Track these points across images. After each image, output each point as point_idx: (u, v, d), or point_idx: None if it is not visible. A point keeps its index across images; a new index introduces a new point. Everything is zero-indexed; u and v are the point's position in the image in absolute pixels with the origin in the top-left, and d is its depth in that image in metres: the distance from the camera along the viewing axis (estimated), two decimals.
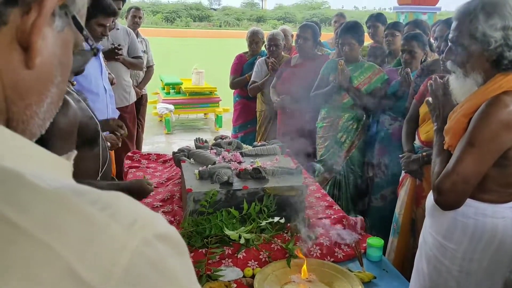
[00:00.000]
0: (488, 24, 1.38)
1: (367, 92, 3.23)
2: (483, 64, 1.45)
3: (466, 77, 1.49)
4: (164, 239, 0.39)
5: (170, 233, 0.41)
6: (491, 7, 1.38)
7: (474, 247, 1.50)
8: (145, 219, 0.39)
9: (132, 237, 0.36)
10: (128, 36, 4.11)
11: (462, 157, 1.42)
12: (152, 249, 0.37)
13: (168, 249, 0.39)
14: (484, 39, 1.40)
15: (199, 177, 2.23)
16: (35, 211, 0.34)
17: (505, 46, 1.39)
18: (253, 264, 1.90)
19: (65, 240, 0.34)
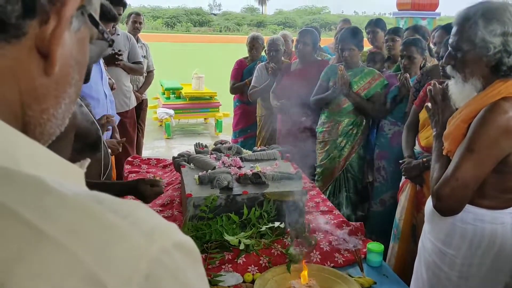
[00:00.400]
0: (488, 30, 1.38)
1: (367, 97, 3.24)
2: (482, 70, 1.45)
3: (465, 82, 1.49)
4: (181, 247, 0.40)
5: (186, 242, 0.42)
6: (491, 13, 1.39)
7: (473, 253, 1.50)
8: (162, 228, 0.40)
9: (152, 245, 0.37)
10: (128, 42, 4.12)
11: (461, 162, 1.42)
12: (171, 258, 0.38)
13: (185, 257, 0.40)
14: (483, 45, 1.40)
15: (199, 182, 2.23)
16: (60, 218, 0.35)
17: (504, 52, 1.39)
18: (253, 269, 1.90)
19: (89, 246, 0.35)
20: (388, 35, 3.78)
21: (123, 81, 3.99)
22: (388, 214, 2.95)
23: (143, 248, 0.37)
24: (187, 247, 0.41)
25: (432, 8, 6.07)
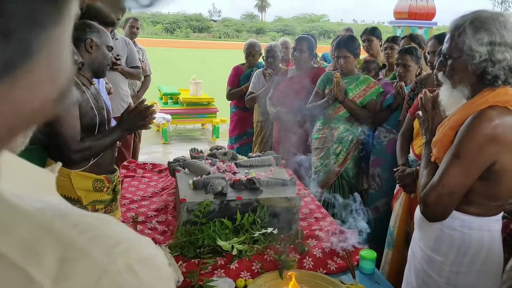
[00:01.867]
0: (475, 38, 1.40)
1: (362, 105, 3.25)
2: (469, 78, 1.47)
3: (453, 89, 1.51)
4: (147, 263, 0.38)
5: (155, 257, 0.40)
6: (480, 22, 1.41)
7: (461, 260, 1.51)
8: (128, 242, 0.38)
9: (112, 261, 0.36)
10: (126, 46, 4.14)
11: (447, 169, 1.44)
12: (134, 275, 0.37)
13: (151, 273, 0.38)
14: (470, 53, 1.42)
15: (193, 187, 2.24)
16: (15, 234, 0.33)
17: (489, 61, 1.41)
18: (245, 275, 1.90)
19: (43, 266, 0.33)
20: (387, 43, 3.81)
21: (120, 86, 4.00)
22: (382, 221, 2.96)
23: (104, 265, 0.35)
24: (154, 263, 0.39)
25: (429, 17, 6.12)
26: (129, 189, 2.84)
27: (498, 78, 1.42)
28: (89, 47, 2.06)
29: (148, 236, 2.18)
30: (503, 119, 1.38)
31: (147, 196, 2.75)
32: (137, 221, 2.07)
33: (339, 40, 3.35)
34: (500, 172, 1.41)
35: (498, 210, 1.51)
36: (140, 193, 2.79)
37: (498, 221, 1.53)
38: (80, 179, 2.06)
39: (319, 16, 66.95)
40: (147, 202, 2.65)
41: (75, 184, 2.04)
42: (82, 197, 2.06)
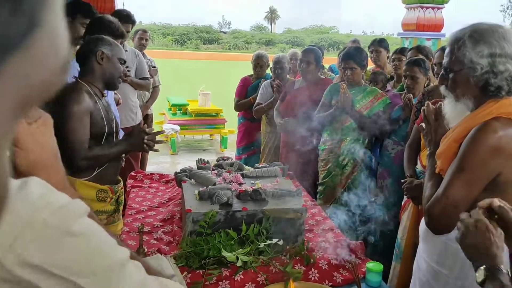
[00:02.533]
0: (475, 51, 1.41)
1: (369, 116, 3.24)
2: (472, 90, 1.47)
3: (457, 102, 1.51)
4: (68, 209, 0.46)
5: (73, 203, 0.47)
6: (479, 35, 1.41)
7: (466, 273, 1.48)
8: (51, 195, 0.44)
9: (35, 213, 0.41)
10: (136, 58, 4.18)
11: (452, 181, 1.42)
12: (57, 218, 0.43)
13: (71, 216, 0.45)
14: (471, 66, 1.42)
15: (199, 197, 2.24)
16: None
17: (491, 73, 1.41)
18: (250, 286, 1.88)
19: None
20: (394, 55, 3.81)
21: (130, 97, 4.04)
22: (390, 234, 2.92)
23: (29, 215, 0.41)
24: (74, 207, 0.49)
25: (437, 29, 6.11)
26: (136, 199, 2.85)
27: (502, 89, 1.42)
28: (99, 59, 2.12)
29: (153, 246, 2.19)
30: (507, 130, 1.37)
31: (154, 206, 2.75)
32: (143, 231, 2.07)
33: (346, 51, 3.35)
34: (505, 183, 1.39)
35: None
36: (147, 203, 2.80)
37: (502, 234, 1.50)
38: (85, 188, 2.09)
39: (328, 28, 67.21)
40: (154, 212, 2.66)
41: (79, 193, 2.05)
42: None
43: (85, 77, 2.14)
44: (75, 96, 2.01)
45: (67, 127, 1.98)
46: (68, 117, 1.98)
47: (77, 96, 2.01)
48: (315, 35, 57.96)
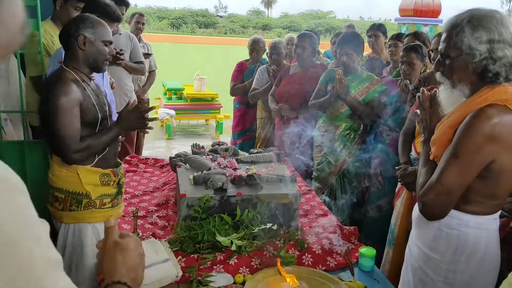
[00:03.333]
0: (474, 37, 1.39)
1: (365, 102, 3.24)
2: (469, 76, 1.46)
3: (453, 88, 1.50)
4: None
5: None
6: (477, 20, 1.40)
7: (458, 259, 1.50)
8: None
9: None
10: (130, 41, 4.14)
11: (446, 168, 1.43)
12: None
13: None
14: (469, 52, 1.41)
15: (193, 182, 2.24)
16: None
17: (490, 59, 1.40)
18: (244, 270, 1.90)
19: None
20: (391, 41, 3.78)
21: (124, 81, 4.00)
22: (384, 220, 2.95)
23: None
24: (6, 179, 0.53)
25: (434, 15, 6.07)
26: (130, 184, 2.85)
27: (500, 75, 1.42)
28: (81, 44, 2.04)
29: (148, 230, 2.20)
30: (502, 117, 1.37)
31: (149, 191, 2.76)
32: (138, 215, 2.07)
33: (343, 37, 3.33)
34: (499, 170, 1.40)
35: (496, 209, 1.51)
36: (142, 187, 2.80)
37: (495, 220, 1.52)
38: (88, 174, 2.08)
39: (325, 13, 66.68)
40: (149, 197, 2.66)
41: (83, 179, 2.06)
42: (90, 191, 2.09)
43: (69, 62, 2.07)
44: (62, 88, 1.94)
45: (56, 120, 1.94)
46: (57, 110, 1.93)
47: (64, 88, 1.95)
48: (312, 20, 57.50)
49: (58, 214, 2.11)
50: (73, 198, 2.08)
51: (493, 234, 1.51)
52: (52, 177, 2.10)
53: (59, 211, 2.10)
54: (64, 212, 2.09)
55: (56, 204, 2.10)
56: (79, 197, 2.08)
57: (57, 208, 2.10)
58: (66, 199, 2.08)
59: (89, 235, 2.12)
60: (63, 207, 2.09)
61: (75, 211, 2.09)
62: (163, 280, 1.79)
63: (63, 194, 2.08)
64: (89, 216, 2.11)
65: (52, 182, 2.11)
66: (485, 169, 1.40)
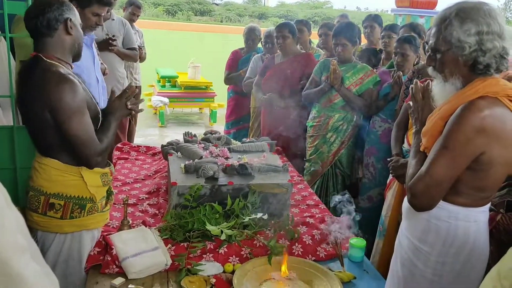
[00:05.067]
0: (462, 30, 1.40)
1: (359, 93, 3.23)
2: (460, 69, 1.46)
3: (445, 82, 1.50)
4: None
5: None
6: (465, 13, 1.40)
7: (447, 251, 1.51)
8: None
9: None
10: (123, 27, 4.08)
11: (435, 159, 1.43)
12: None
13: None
14: (459, 45, 1.41)
15: (184, 171, 2.23)
16: None
17: (480, 51, 1.40)
18: (234, 260, 1.90)
19: None
20: (384, 32, 3.75)
21: (116, 67, 3.96)
22: (375, 211, 2.96)
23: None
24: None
25: (431, 6, 6.04)
26: (122, 171, 2.83)
27: (490, 66, 1.42)
28: (69, 28, 1.81)
29: (138, 218, 2.19)
30: (493, 110, 1.37)
31: (140, 178, 2.74)
32: (128, 203, 2.06)
33: (337, 27, 3.30)
34: (488, 163, 1.40)
35: (485, 202, 1.51)
36: (133, 175, 2.79)
37: (484, 212, 1.52)
38: (90, 175, 1.87)
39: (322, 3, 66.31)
40: (140, 185, 2.65)
41: (88, 181, 1.86)
42: (95, 194, 1.89)
43: (51, 53, 1.80)
44: (69, 88, 1.72)
45: (73, 128, 1.74)
46: (71, 115, 1.72)
47: (71, 87, 1.73)
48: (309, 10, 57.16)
49: (54, 223, 1.84)
50: (75, 204, 1.84)
51: (482, 227, 1.51)
52: (46, 182, 1.83)
53: (55, 220, 1.83)
54: (64, 220, 1.83)
55: (52, 213, 1.82)
56: (83, 201, 1.85)
57: (53, 217, 1.83)
58: (67, 205, 1.82)
59: (87, 242, 1.91)
60: (62, 214, 1.83)
61: (76, 218, 1.85)
62: (152, 268, 1.79)
63: (62, 200, 1.82)
64: (91, 221, 1.90)
65: (44, 189, 1.82)
66: (475, 161, 1.40)
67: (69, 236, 1.86)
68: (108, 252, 1.83)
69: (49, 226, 1.85)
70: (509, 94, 1.40)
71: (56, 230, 1.85)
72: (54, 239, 1.86)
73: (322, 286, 1.74)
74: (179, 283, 1.71)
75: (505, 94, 1.40)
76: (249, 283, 1.72)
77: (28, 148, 2.61)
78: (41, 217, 1.83)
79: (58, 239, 1.86)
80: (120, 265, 1.78)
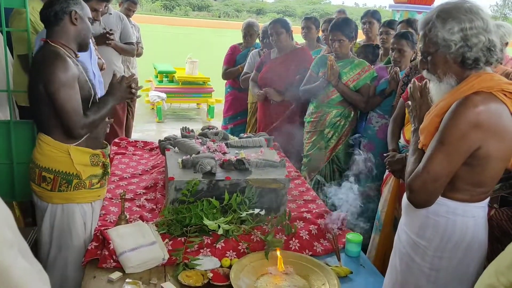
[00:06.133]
0: (446, 29, 1.43)
1: (356, 89, 3.23)
2: (451, 67, 1.49)
3: (440, 82, 1.54)
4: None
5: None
6: (446, 13, 1.44)
7: (444, 246, 1.52)
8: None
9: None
10: (121, 22, 4.07)
11: (432, 156, 1.44)
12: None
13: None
14: (445, 44, 1.45)
15: (182, 166, 2.23)
16: None
17: (466, 47, 1.43)
18: (231, 254, 1.91)
19: None
20: (382, 28, 3.75)
21: (114, 62, 3.94)
22: (371, 206, 2.97)
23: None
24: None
25: (429, 2, 6.04)
26: (119, 166, 2.83)
27: (479, 60, 1.44)
28: (74, 19, 2.05)
29: (136, 213, 2.19)
30: (488, 105, 1.39)
31: (137, 173, 2.74)
32: (125, 198, 2.06)
33: (334, 23, 3.29)
34: (485, 157, 1.41)
35: (484, 197, 1.52)
36: (130, 170, 2.79)
37: (483, 208, 1.54)
38: (79, 154, 2.07)
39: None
40: (137, 180, 2.65)
41: (75, 159, 2.05)
42: (81, 171, 2.07)
43: (57, 39, 2.05)
44: (62, 64, 1.95)
45: (60, 98, 1.94)
46: (60, 87, 1.93)
47: (64, 64, 1.95)
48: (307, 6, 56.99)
49: (46, 194, 2.09)
50: (63, 179, 2.06)
51: (480, 222, 1.53)
52: (40, 156, 2.07)
53: (47, 192, 2.08)
54: (53, 192, 2.07)
55: (44, 185, 2.07)
56: (69, 177, 2.07)
57: (45, 188, 2.08)
58: (56, 179, 2.06)
59: (77, 216, 2.12)
60: (51, 187, 2.07)
61: (64, 192, 2.07)
62: (150, 263, 1.80)
63: (52, 174, 2.06)
64: (78, 196, 2.11)
65: (39, 162, 2.07)
66: (471, 156, 1.41)
67: (60, 207, 2.10)
68: (106, 247, 1.83)
69: (43, 196, 2.11)
70: (503, 89, 1.41)
71: (48, 200, 2.10)
72: (47, 209, 2.11)
73: (318, 281, 1.75)
74: (176, 278, 1.72)
75: (499, 89, 1.41)
76: (246, 277, 1.73)
77: (25, 143, 2.61)
78: (37, 187, 2.10)
79: (50, 209, 2.10)
80: (117, 259, 1.78)
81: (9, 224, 0.70)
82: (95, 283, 1.68)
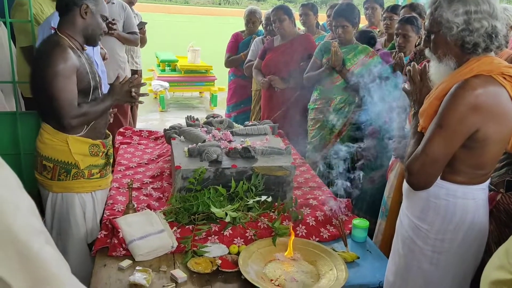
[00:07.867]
0: (451, 10, 1.43)
1: (360, 75, 3.21)
2: (452, 49, 1.49)
3: (440, 62, 1.53)
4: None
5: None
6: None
7: (446, 228, 1.53)
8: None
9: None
10: (123, 11, 4.04)
11: (431, 138, 1.45)
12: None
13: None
14: (448, 25, 1.44)
15: (188, 154, 2.24)
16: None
17: (467, 30, 1.43)
18: (239, 241, 1.93)
19: None
20: (386, 13, 3.72)
21: (117, 51, 3.93)
22: (377, 192, 2.98)
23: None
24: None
25: None
26: (125, 156, 2.85)
27: (478, 45, 1.44)
28: (83, 13, 2.06)
29: (143, 202, 2.21)
30: (487, 88, 1.39)
31: (143, 163, 2.76)
32: (132, 187, 2.08)
33: (337, 9, 3.26)
34: (484, 140, 1.42)
35: (484, 179, 1.53)
36: (136, 159, 2.80)
37: (483, 190, 1.55)
38: (77, 144, 2.09)
39: None
40: (143, 169, 2.66)
41: (73, 149, 2.07)
42: (79, 161, 2.09)
43: (65, 29, 2.07)
44: (61, 54, 1.96)
45: (54, 86, 1.95)
46: (55, 75, 1.94)
47: (63, 54, 1.96)
48: None
49: (47, 183, 2.12)
50: (61, 168, 2.09)
51: (480, 204, 1.54)
52: (41, 145, 2.10)
53: (47, 180, 2.11)
54: (53, 181, 2.10)
55: (45, 173, 2.11)
56: (68, 166, 2.09)
57: (46, 177, 2.11)
58: (55, 168, 2.09)
59: (76, 205, 2.14)
60: (51, 176, 2.10)
61: (63, 181, 2.10)
62: (159, 250, 1.82)
63: (51, 163, 2.08)
64: (77, 186, 2.13)
65: (40, 150, 2.11)
66: (470, 138, 1.42)
67: (59, 196, 2.13)
68: (115, 235, 1.85)
69: (44, 185, 2.14)
70: (503, 72, 1.41)
71: (49, 189, 2.13)
72: (48, 197, 2.14)
73: (326, 266, 1.77)
74: (185, 265, 1.74)
75: (499, 72, 1.41)
76: (254, 263, 1.75)
77: (31, 134, 2.63)
78: (40, 175, 2.14)
79: (51, 197, 2.14)
80: (127, 247, 1.81)
81: (35, 214, 0.73)
82: (106, 271, 1.71)
